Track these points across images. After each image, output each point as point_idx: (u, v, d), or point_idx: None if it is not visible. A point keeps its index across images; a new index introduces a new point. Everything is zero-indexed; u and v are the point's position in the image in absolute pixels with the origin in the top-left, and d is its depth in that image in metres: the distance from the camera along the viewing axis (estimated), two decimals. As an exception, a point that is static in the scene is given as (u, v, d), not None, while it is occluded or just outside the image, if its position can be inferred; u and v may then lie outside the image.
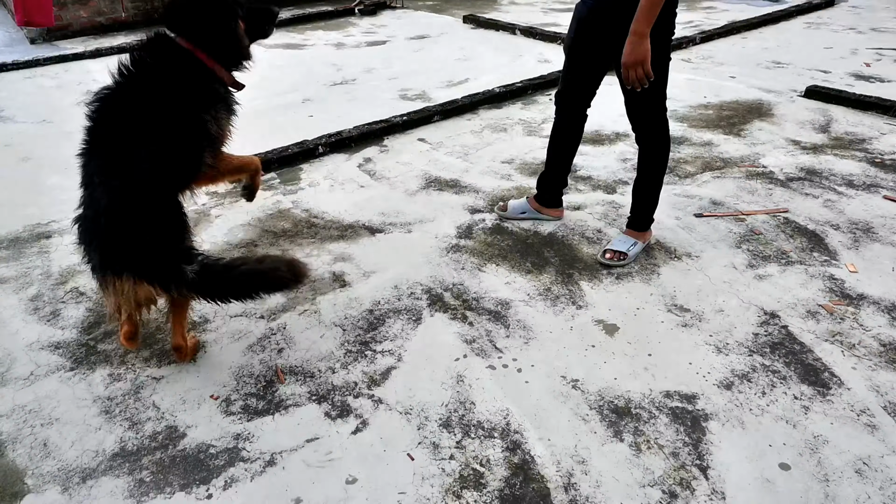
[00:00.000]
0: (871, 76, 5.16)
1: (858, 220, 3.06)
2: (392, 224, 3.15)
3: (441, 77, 5.46)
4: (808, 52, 5.87)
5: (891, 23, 6.90)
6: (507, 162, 3.78)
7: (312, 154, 3.91)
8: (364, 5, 8.26)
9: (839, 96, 4.54)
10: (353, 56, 6.25)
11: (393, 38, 6.95)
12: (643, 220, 2.84)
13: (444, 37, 6.88)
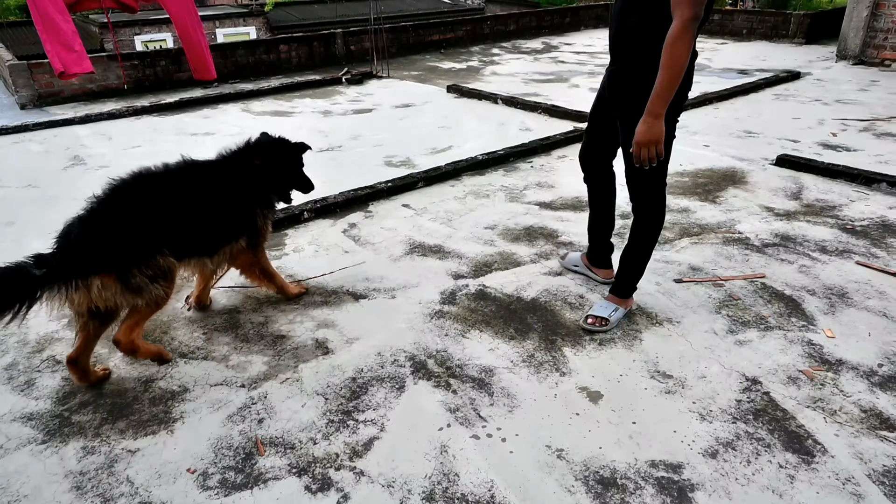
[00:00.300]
0: (837, 145, 5.39)
1: (833, 286, 3.13)
2: (376, 290, 3.16)
3: (425, 144, 5.61)
4: (778, 122, 6.13)
5: (853, 95, 7.26)
6: (489, 228, 3.85)
7: (298, 219, 3.96)
8: (351, 75, 8.55)
9: (809, 165, 4.72)
10: (339, 123, 6.42)
11: (379, 106, 7.16)
12: (627, 288, 2.88)
13: (428, 105, 7.11)
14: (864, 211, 4.02)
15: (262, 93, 7.77)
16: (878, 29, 8.95)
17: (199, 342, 2.75)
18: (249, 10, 21.06)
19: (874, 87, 7.71)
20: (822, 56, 9.84)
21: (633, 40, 2.44)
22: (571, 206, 4.15)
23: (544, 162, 5.06)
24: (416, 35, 10.90)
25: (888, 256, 3.42)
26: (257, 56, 9.09)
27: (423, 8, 23.33)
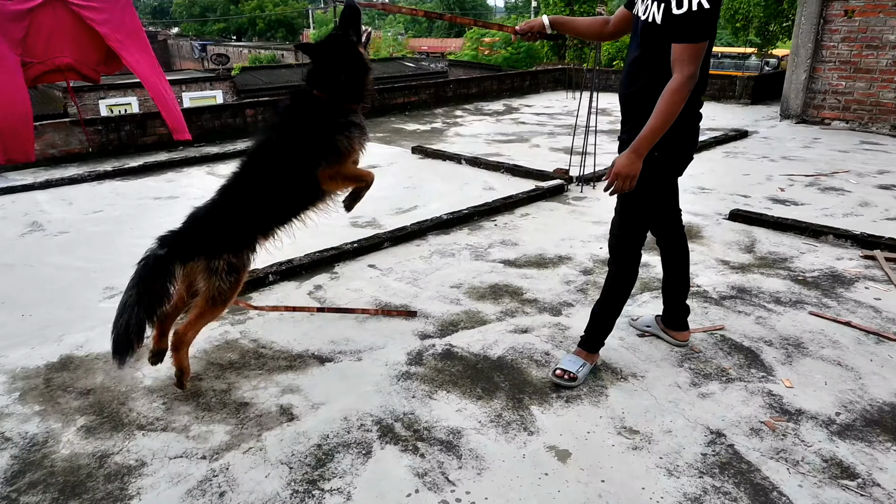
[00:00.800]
0: (785, 200, 5.66)
1: (789, 336, 3.23)
2: (342, 352, 3.14)
3: (391, 205, 5.69)
4: (730, 178, 6.42)
5: (798, 151, 7.67)
6: (455, 286, 3.89)
7: (262, 283, 3.93)
8: (317, 137, 8.68)
9: (760, 219, 4.93)
10: (305, 185, 6.46)
11: (344, 167, 7.25)
12: (595, 342, 2.90)
13: (393, 166, 7.24)
14: (814, 262, 4.19)
15: (228, 156, 7.82)
16: (816, 90, 9.55)
17: (158, 412, 2.68)
18: (216, 74, 21.39)
19: (816, 143, 8.16)
20: (767, 116, 10.40)
21: (641, 103, 2.51)
22: (535, 264, 4.23)
23: (507, 220, 5.17)
24: (380, 98, 11.18)
25: (839, 306, 3.55)
26: (223, 120, 9.18)
27: (389, 72, 24.03)
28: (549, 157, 7.46)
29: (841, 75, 9.26)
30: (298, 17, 53.58)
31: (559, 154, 7.52)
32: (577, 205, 5.59)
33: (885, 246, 4.31)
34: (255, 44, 43.54)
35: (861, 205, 5.48)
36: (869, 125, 9.14)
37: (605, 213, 5.28)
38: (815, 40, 9.37)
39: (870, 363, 2.97)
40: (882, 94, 8.95)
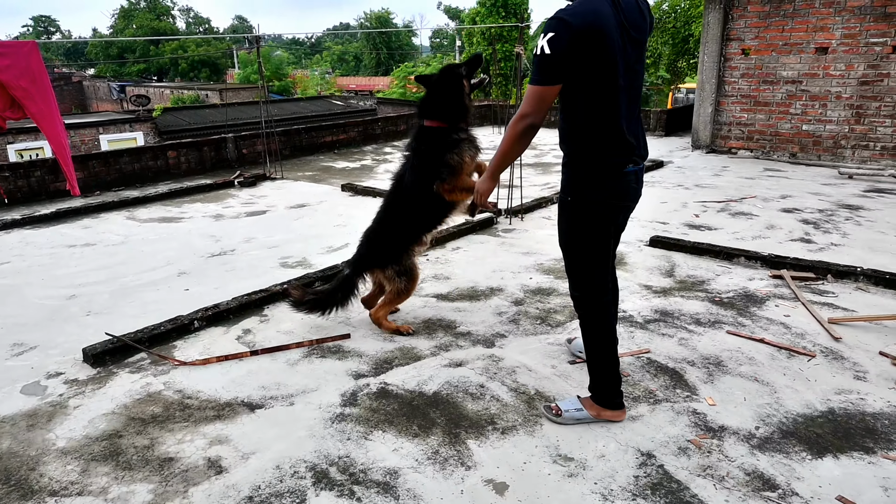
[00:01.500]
0: (700, 225, 5.98)
1: (710, 355, 3.38)
2: (273, 398, 3.05)
3: (321, 243, 5.63)
4: (649, 206, 6.73)
5: (709, 179, 8.15)
6: (389, 323, 3.86)
7: (187, 330, 3.79)
8: (244, 177, 8.54)
9: (678, 244, 5.18)
10: (232, 226, 6.32)
11: (273, 207, 7.15)
12: (601, 395, 2.71)
13: (323, 205, 7.19)
14: (729, 284, 4.43)
15: (148, 199, 7.55)
16: (722, 122, 10.23)
17: (73, 475, 2.50)
18: (136, 115, 20.74)
19: (726, 171, 8.70)
20: (679, 146, 11.03)
21: (561, 143, 2.65)
22: (468, 297, 4.27)
23: (439, 255, 5.21)
24: (308, 137, 11.14)
25: (753, 324, 3.76)
26: (143, 163, 8.89)
27: (316, 110, 24.04)
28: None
29: (743, 108, 9.97)
30: (223, 57, 52.98)
31: (488, 188, 7.67)
32: (506, 237, 5.71)
33: (790, 266, 4.62)
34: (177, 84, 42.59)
35: (768, 227, 5.86)
36: (770, 153, 9.84)
37: (533, 244, 5.41)
38: (718, 76, 10.07)
39: (783, 377, 3.14)
40: (780, 124, 9.68)
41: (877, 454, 2.53)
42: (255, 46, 10.09)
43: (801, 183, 7.90)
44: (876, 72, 8.74)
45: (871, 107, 8.86)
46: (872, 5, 8.58)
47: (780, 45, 9.43)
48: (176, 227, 6.39)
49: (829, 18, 8.96)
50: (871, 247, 5.21)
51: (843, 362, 3.28)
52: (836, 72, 9.05)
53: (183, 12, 64.89)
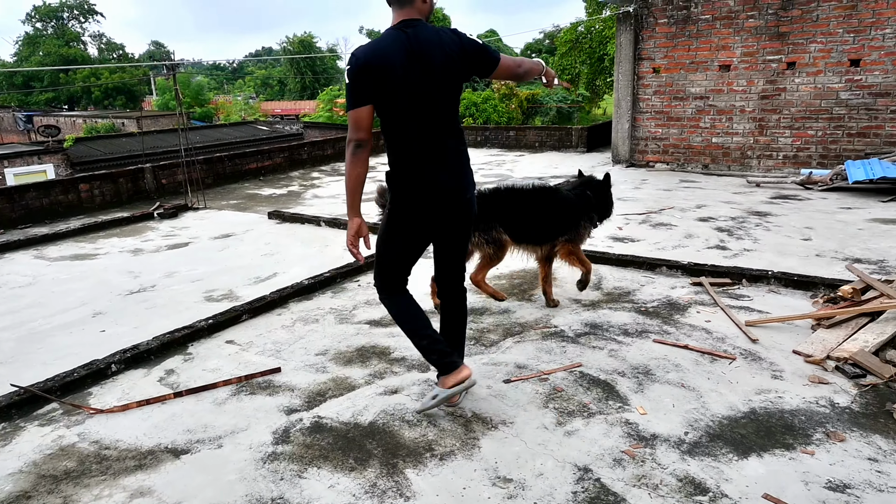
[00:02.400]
0: (624, 237, 6.19)
1: (638, 365, 3.48)
2: (200, 441, 2.89)
3: (248, 274, 5.46)
4: (574, 221, 6.91)
5: (630, 192, 8.47)
6: (321, 354, 3.77)
7: (104, 374, 3.56)
8: (164, 209, 8.20)
9: (604, 257, 5.34)
10: (152, 261, 6.04)
11: (196, 239, 6.89)
12: (435, 368, 3.05)
13: (249, 234, 6.99)
14: (653, 293, 4.59)
15: (59, 236, 7.12)
16: (639, 137, 10.70)
17: (-27, 546, 2.28)
18: (45, 147, 19.63)
19: (644, 184, 9.08)
20: (601, 161, 11.44)
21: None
22: (401, 321, 4.23)
23: (371, 279, 5.14)
24: (232, 164, 10.86)
25: (677, 331, 3.90)
26: (53, 197, 8.40)
27: (241, 136, 23.51)
28: (409, 213, 7.59)
29: (657, 123, 10.47)
30: (139, 84, 51.08)
31: (418, 209, 7.69)
32: (438, 258, 5.70)
33: (708, 273, 4.84)
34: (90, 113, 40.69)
35: (686, 237, 6.13)
36: (685, 165, 10.36)
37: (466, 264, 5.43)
38: (633, 94, 10.55)
39: (707, 381, 3.26)
40: (692, 138, 10.22)
41: (796, 450, 2.65)
42: (173, 73, 9.78)
43: (715, 192, 8.33)
44: (774, 87, 9.39)
45: (772, 119, 9.49)
46: (767, 25, 9.24)
47: (687, 64, 9.99)
48: (90, 264, 6.05)
49: (729, 38, 9.57)
50: (780, 250, 5.54)
51: (760, 363, 3.44)
52: (738, 87, 9.66)
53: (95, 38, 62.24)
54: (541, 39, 46.90)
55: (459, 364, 2.93)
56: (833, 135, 9.08)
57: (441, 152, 2.79)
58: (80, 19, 60.24)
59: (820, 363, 3.36)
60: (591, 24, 22.88)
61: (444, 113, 2.77)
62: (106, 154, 19.50)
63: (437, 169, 2.79)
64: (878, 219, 6.54)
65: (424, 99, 2.70)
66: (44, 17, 57.82)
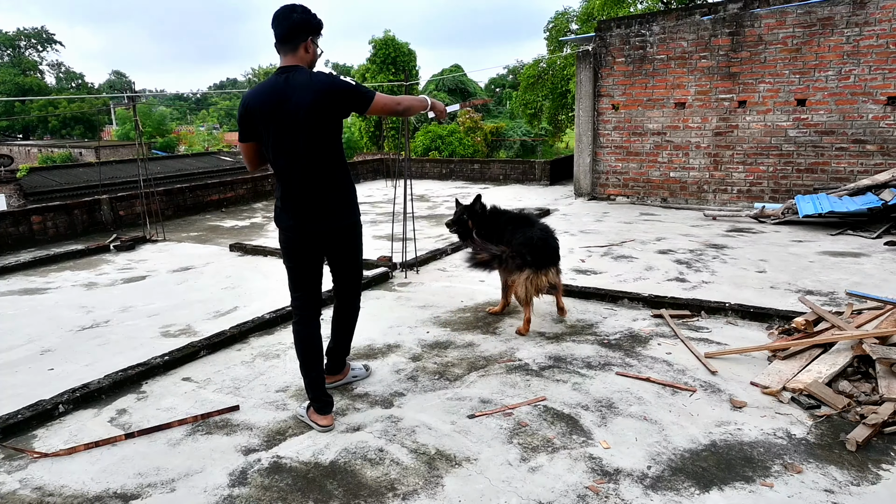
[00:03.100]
0: (587, 269, 6.27)
1: (602, 398, 3.49)
2: (151, 485, 2.77)
3: (207, 308, 5.33)
4: (538, 254, 6.98)
5: (593, 225, 8.62)
6: (281, 390, 3.68)
7: (51, 415, 3.40)
8: (121, 241, 8.00)
9: (567, 289, 5.38)
10: (106, 295, 5.86)
11: (154, 272, 6.72)
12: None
13: (209, 266, 6.85)
14: (615, 325, 4.64)
15: (7, 270, 6.86)
16: (600, 171, 10.95)
17: None
18: (-4, 176, 19.00)
19: (606, 217, 9.26)
20: (564, 194, 11.64)
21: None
22: (364, 356, 4.18)
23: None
24: (193, 195, 10.69)
25: (639, 364, 3.94)
26: (2, 229, 8.10)
27: (204, 167, 23.21)
28: (373, 245, 7.58)
29: (617, 158, 10.74)
30: (98, 114, 50.22)
31: (382, 241, 7.68)
32: (402, 291, 5.68)
33: (668, 305, 4.92)
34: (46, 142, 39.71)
35: (647, 269, 6.25)
36: (645, 199, 10.62)
37: (429, 296, 5.42)
38: (593, 129, 10.83)
39: (669, 414, 3.29)
40: (650, 172, 10.50)
41: (756, 482, 2.68)
42: (133, 103, 9.67)
43: (674, 225, 8.54)
44: (727, 124, 9.76)
45: (726, 155, 9.84)
46: (719, 66, 9.65)
47: (644, 101, 10.32)
48: (40, 299, 5.82)
49: (683, 77, 9.95)
50: (736, 283, 5.68)
51: (720, 395, 3.49)
52: (693, 124, 10.01)
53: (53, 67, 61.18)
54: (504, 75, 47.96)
55: (329, 412, 3.26)
56: (783, 170, 9.46)
57: (307, 185, 3.10)
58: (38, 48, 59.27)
59: (776, 394, 3.43)
60: (552, 61, 23.54)
61: (311, 149, 3.05)
62: (62, 184, 18.98)
63: (304, 201, 3.13)
64: (828, 251, 6.78)
65: (291, 137, 3.02)
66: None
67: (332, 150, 3.13)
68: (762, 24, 9.21)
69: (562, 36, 22.51)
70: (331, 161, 3.13)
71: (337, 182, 3.17)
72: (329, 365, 3.65)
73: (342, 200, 3.21)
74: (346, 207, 3.23)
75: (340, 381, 3.72)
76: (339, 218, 3.21)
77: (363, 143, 28.03)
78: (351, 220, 3.27)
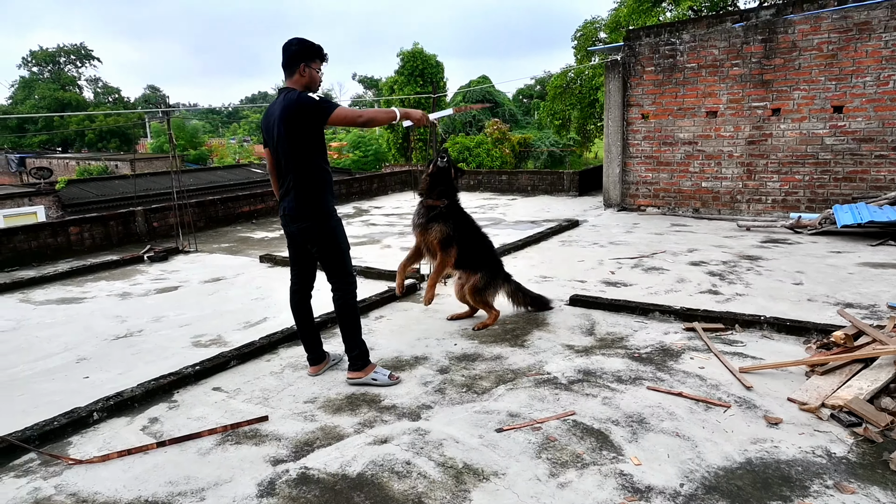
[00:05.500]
0: (616, 282, 6.20)
1: (633, 413, 3.43)
2: (182, 494, 2.81)
3: (237, 319, 5.41)
4: (566, 265, 6.94)
5: (622, 236, 8.53)
6: (309, 401, 3.71)
7: (85, 423, 3.48)
8: (154, 252, 8.18)
9: (597, 302, 5.34)
10: (140, 305, 5.99)
11: (186, 282, 6.85)
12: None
13: (240, 277, 6.96)
14: (646, 339, 4.57)
15: (46, 279, 7.06)
16: (630, 181, 10.84)
17: None
18: (37, 188, 19.66)
19: (636, 228, 9.15)
20: (593, 205, 11.55)
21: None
22: (392, 367, 4.18)
23: (362, 324, 5.09)
24: (225, 207, 10.89)
25: (671, 378, 3.87)
26: (42, 240, 8.37)
27: (234, 179, 23.62)
28: (401, 256, 7.57)
29: (647, 168, 10.63)
30: (134, 127, 51.61)
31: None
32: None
33: (701, 318, 4.83)
34: (83, 155, 40.92)
35: (678, 281, 6.15)
36: (676, 209, 10.47)
37: (457, 308, 5.42)
38: (623, 139, 10.74)
39: (703, 430, 3.22)
40: (682, 182, 10.37)
41: (794, 503, 2.60)
42: (167, 117, 9.90)
43: (706, 236, 8.41)
44: (760, 132, 9.59)
45: (760, 164, 9.66)
46: (751, 73, 9.50)
47: (675, 110, 10.21)
48: (77, 308, 5.98)
49: (715, 85, 9.82)
50: (772, 295, 5.56)
51: (755, 411, 3.41)
52: (726, 133, 9.86)
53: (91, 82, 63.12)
54: (532, 85, 47.96)
55: (316, 363, 4.12)
56: (820, 179, 9.24)
57: (287, 185, 3.75)
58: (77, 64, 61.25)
59: (815, 411, 3.33)
60: (580, 71, 23.46)
61: (287, 155, 3.68)
62: (98, 196, 19.51)
63: (284, 197, 3.80)
64: (868, 263, 6.59)
65: (274, 145, 3.74)
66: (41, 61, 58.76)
67: (302, 158, 3.66)
68: (796, 30, 9.05)
69: (590, 45, 22.42)
70: (300, 168, 3.68)
71: (302, 187, 3.70)
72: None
73: (303, 203, 3.72)
74: (306, 210, 3.73)
75: (360, 380, 3.92)
76: (298, 219, 3.76)
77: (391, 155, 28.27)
78: (308, 222, 3.75)
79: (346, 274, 3.95)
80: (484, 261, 4.97)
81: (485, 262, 4.97)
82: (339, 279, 3.94)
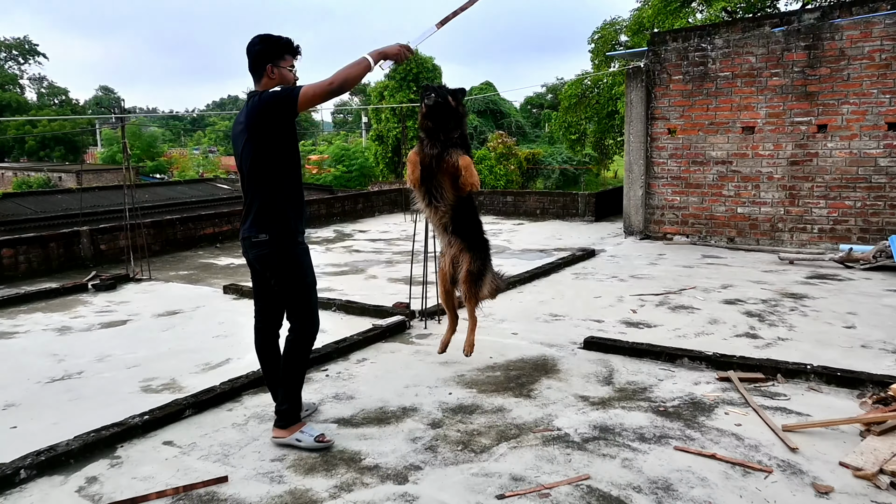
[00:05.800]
0: (639, 322, 6.19)
1: (657, 478, 3.39)
2: (122, 570, 2.75)
3: (196, 360, 5.37)
4: (581, 302, 6.94)
5: (645, 269, 8.55)
6: (277, 459, 3.66)
7: (11, 482, 3.41)
8: (101, 279, 8.15)
9: (615, 346, 5.32)
10: (81, 342, 5.94)
11: (136, 315, 6.82)
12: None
13: (200, 310, 6.93)
14: (673, 389, 4.54)
15: (-27, 310, 7.01)
16: (654, 206, 10.91)
17: None
18: (-35, 204, 19.63)
19: (662, 260, 9.18)
20: (611, 232, 11.61)
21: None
22: (375, 420, 4.14)
23: (342, 369, 5.08)
24: (185, 228, 10.90)
25: (702, 437, 3.84)
26: (-31, 263, 8.33)
27: (197, 195, 23.69)
28: (388, 289, 7.61)
29: (674, 190, 10.71)
30: (82, 134, 51.90)
31: (399, 285, 7.70)
32: (421, 343, 5.67)
33: (737, 366, 4.82)
34: (22, 165, 41.08)
35: (710, 322, 6.15)
36: (707, 238, 10.52)
37: (453, 350, 5.38)
38: (646, 157, 10.84)
39: (739, 499, 3.18)
40: (714, 207, 10.43)
41: (849, 589, 2.55)
42: (121, 123, 9.95)
43: (742, 270, 8.43)
44: (804, 151, 9.69)
45: (804, 187, 9.74)
46: (793, 84, 9.64)
47: (706, 125, 10.33)
48: (6, 344, 5.93)
49: (752, 97, 9.95)
50: (819, 340, 5.55)
51: (802, 477, 3.37)
52: (764, 152, 9.96)
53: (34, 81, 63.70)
54: (542, 94, 48.57)
55: (279, 426, 3.83)
56: (874, 206, 9.31)
57: (248, 203, 3.74)
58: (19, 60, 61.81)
59: (871, 478, 3.30)
60: (598, 78, 23.79)
61: (251, 167, 3.67)
62: (37, 213, 19.51)
63: (245, 218, 3.78)
64: (930, 304, 6.61)
65: (240, 157, 3.73)
66: (-23, 57, 59.34)
67: (267, 171, 3.64)
68: (844, 36, 9.22)
69: (609, 49, 22.80)
70: (263, 182, 3.66)
71: (263, 205, 3.67)
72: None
73: (262, 225, 3.68)
74: (265, 232, 3.68)
75: (283, 440, 3.80)
76: (257, 245, 3.72)
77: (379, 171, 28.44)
78: (267, 249, 3.70)
79: (309, 314, 3.86)
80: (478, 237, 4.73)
81: (479, 238, 4.74)
82: (298, 319, 3.85)
